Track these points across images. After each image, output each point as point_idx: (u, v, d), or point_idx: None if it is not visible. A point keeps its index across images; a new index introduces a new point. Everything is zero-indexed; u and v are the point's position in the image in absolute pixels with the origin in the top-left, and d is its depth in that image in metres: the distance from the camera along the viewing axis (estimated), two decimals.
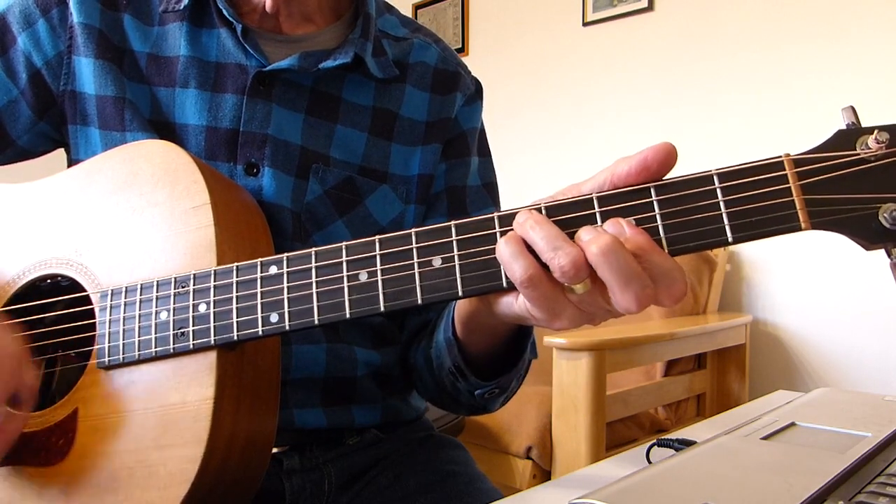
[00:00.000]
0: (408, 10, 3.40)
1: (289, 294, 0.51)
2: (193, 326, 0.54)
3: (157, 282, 0.56)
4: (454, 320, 0.61)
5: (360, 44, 0.73)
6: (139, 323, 0.55)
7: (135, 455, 0.53)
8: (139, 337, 0.55)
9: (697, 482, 0.40)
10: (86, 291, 0.59)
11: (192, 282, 0.54)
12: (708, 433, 0.55)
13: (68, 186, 0.64)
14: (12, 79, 0.71)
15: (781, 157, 0.43)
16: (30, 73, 0.71)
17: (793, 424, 0.53)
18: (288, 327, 0.51)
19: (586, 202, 0.45)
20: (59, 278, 0.62)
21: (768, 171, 0.42)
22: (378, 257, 0.49)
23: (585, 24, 2.75)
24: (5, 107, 0.71)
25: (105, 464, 0.54)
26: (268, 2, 0.71)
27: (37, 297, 0.62)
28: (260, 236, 0.61)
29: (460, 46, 3.19)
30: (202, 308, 0.54)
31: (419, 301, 0.48)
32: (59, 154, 0.77)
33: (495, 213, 0.47)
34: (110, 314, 0.57)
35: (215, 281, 0.54)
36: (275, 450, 0.67)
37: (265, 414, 0.57)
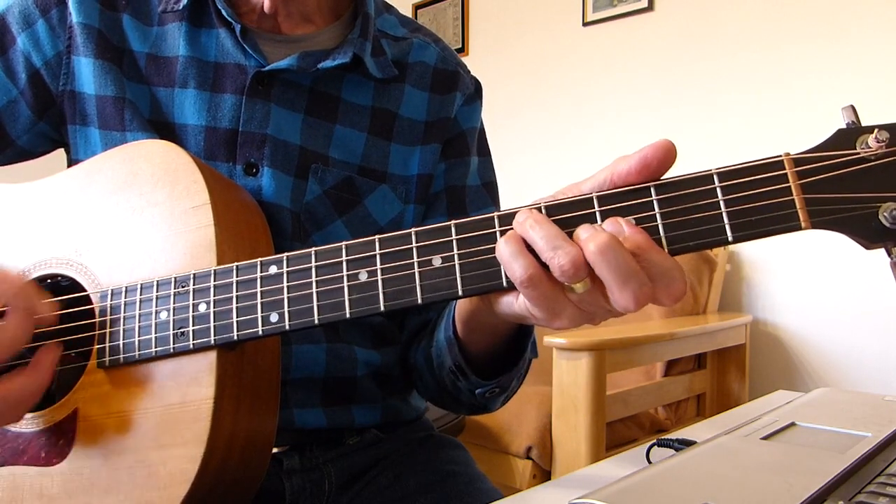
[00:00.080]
0: (408, 10, 3.40)
1: (289, 294, 0.51)
2: (193, 326, 0.54)
3: (157, 282, 0.56)
4: (454, 319, 0.61)
5: (359, 44, 0.73)
6: (139, 323, 0.55)
7: (135, 455, 0.53)
8: (139, 337, 0.55)
9: (697, 482, 0.40)
10: (86, 291, 0.59)
11: (191, 281, 0.54)
12: (708, 433, 0.55)
13: (68, 186, 0.64)
14: (12, 79, 0.71)
15: (781, 156, 0.43)
16: (29, 73, 0.71)
17: (793, 424, 0.53)
18: (288, 327, 0.51)
19: (586, 201, 0.45)
20: (59, 278, 0.62)
21: (768, 170, 0.42)
22: (378, 257, 0.49)
23: (585, 24, 2.75)
24: (5, 107, 0.71)
25: (105, 464, 0.54)
26: (266, 2, 0.71)
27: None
28: (260, 236, 0.61)
29: (460, 46, 3.19)
30: (202, 308, 0.54)
31: (419, 301, 0.48)
32: (59, 154, 0.77)
33: (495, 213, 0.47)
34: (110, 314, 0.57)
35: (215, 281, 0.54)
36: (275, 450, 0.67)
37: (265, 414, 0.57)
